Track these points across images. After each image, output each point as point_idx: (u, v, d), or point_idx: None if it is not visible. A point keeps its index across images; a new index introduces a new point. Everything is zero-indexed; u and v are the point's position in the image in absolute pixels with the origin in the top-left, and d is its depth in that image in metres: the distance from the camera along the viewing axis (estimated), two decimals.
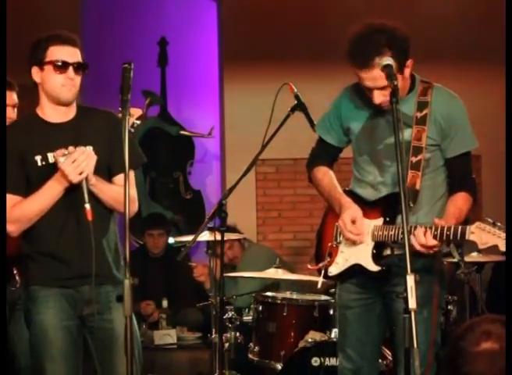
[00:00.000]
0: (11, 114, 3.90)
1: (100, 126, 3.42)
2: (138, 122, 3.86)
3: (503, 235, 3.05)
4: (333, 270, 3.59)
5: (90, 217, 3.19)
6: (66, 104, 3.40)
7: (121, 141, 2.98)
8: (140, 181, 7.73)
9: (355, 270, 3.52)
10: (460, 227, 3.17)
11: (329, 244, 3.60)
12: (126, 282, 2.88)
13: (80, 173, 3.22)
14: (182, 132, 8.39)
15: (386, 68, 3.13)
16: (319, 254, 3.70)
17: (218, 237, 4.83)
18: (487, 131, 7.55)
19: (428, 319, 3.43)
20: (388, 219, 3.43)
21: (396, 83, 3.06)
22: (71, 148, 3.26)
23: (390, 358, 4.32)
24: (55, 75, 3.34)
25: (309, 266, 3.76)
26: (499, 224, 3.07)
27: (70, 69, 3.34)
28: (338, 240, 3.59)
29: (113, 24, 8.44)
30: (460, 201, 3.43)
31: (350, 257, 3.53)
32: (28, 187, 3.37)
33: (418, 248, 3.23)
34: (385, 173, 3.47)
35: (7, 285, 3.63)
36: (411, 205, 3.33)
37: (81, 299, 3.37)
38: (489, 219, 3.08)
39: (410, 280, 2.76)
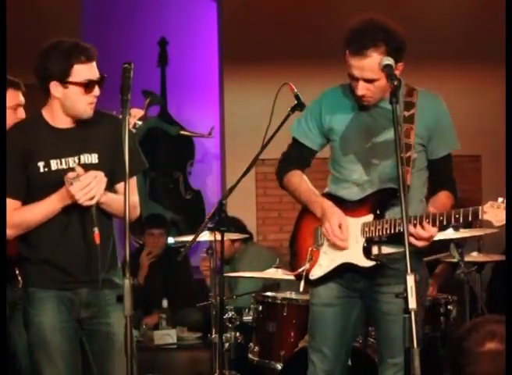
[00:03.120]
0: (22, 115, 3.83)
1: (104, 132, 3.38)
2: (140, 122, 3.84)
3: None
4: (317, 273, 3.53)
5: (98, 241, 3.21)
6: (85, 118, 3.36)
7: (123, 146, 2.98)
8: (140, 181, 7.73)
9: (341, 270, 3.48)
10: (470, 208, 3.16)
11: (310, 248, 3.55)
12: (126, 282, 2.87)
13: (91, 198, 3.22)
14: (182, 132, 8.40)
15: (386, 68, 3.12)
16: (297, 259, 3.65)
17: (219, 237, 4.84)
18: (487, 131, 7.59)
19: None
20: (378, 213, 3.41)
21: (396, 83, 3.04)
22: (80, 170, 3.24)
23: None
24: (82, 95, 3.28)
25: (287, 273, 3.67)
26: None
27: (96, 87, 3.30)
28: (319, 242, 3.55)
29: (113, 24, 8.45)
30: (444, 198, 3.47)
31: (337, 257, 3.48)
32: (28, 192, 3.34)
33: (418, 242, 3.23)
34: (371, 171, 3.46)
35: (9, 285, 3.62)
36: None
37: (79, 302, 3.36)
38: (500, 198, 3.10)
39: (410, 280, 2.76)
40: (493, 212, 3.13)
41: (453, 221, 3.22)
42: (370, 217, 3.42)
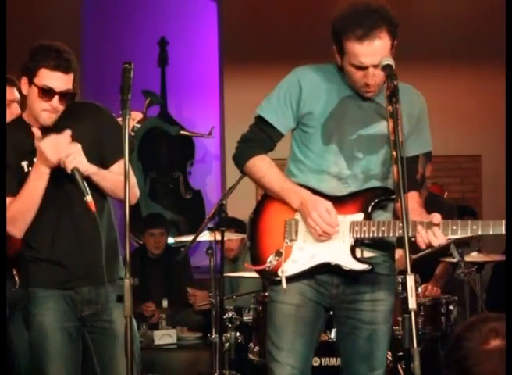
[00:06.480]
0: (17, 111, 3.86)
1: (85, 121, 3.36)
2: (138, 125, 3.85)
3: None
4: (290, 269, 3.13)
5: (93, 209, 3.15)
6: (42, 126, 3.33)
7: (109, 129, 3.18)
8: (140, 181, 7.74)
9: (319, 270, 3.15)
10: (491, 222, 2.99)
11: (285, 242, 3.13)
12: (126, 282, 2.87)
13: (69, 160, 3.19)
14: (182, 132, 8.40)
15: (386, 68, 3.00)
16: (259, 252, 3.22)
17: (218, 237, 4.85)
18: (487, 131, 7.59)
19: (391, 325, 3.31)
20: (369, 212, 3.11)
21: (396, 83, 2.93)
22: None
23: (390, 358, 4.32)
24: (39, 99, 3.26)
25: (247, 266, 3.35)
26: None
27: (56, 97, 3.25)
28: (292, 237, 3.15)
29: (113, 24, 8.45)
30: (419, 200, 3.25)
31: (318, 254, 3.13)
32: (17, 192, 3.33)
33: (425, 245, 3.01)
34: (354, 165, 3.15)
35: (8, 285, 3.62)
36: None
37: (81, 300, 3.37)
38: None
39: (410, 280, 2.75)
40: None
41: (470, 232, 2.97)
42: (360, 216, 3.11)
